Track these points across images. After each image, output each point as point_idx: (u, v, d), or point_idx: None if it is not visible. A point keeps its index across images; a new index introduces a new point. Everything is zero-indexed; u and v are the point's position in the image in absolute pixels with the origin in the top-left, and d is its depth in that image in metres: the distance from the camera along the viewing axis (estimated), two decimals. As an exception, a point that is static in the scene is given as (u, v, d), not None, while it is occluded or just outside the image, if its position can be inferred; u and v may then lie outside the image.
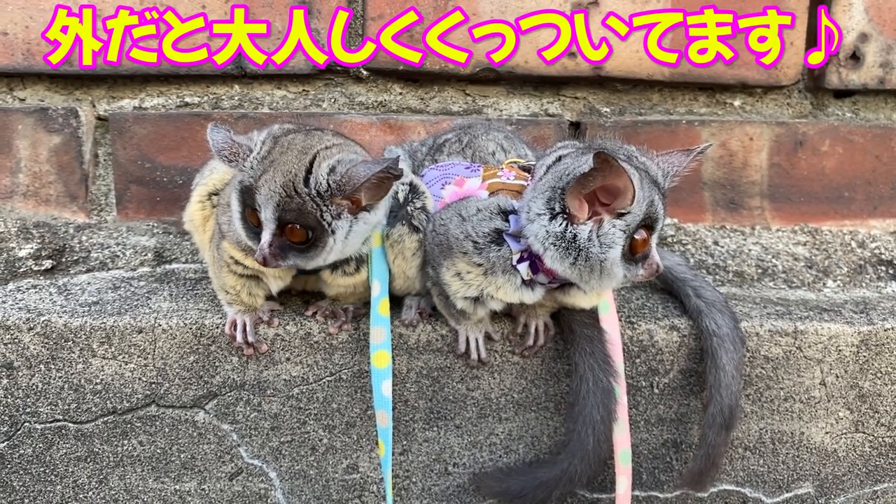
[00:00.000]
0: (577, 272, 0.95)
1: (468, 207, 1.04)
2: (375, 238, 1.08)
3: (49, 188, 1.39)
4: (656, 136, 1.43)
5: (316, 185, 0.95)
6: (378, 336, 1.08)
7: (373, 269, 1.09)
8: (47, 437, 1.11)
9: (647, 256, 0.96)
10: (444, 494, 1.16)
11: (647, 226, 0.94)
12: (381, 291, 1.09)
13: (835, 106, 1.50)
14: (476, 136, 1.18)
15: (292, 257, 0.98)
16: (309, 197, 0.95)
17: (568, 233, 0.94)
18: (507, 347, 1.13)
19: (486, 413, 1.15)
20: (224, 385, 1.11)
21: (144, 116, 1.39)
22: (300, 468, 1.14)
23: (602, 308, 1.10)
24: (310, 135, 1.02)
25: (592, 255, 0.93)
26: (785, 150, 1.46)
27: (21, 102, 1.40)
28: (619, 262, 0.94)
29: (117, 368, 1.10)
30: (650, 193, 0.93)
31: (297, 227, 0.97)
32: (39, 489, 1.13)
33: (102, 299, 1.17)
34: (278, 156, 0.98)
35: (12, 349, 1.09)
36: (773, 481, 1.20)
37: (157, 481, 1.13)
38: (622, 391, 1.09)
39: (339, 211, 0.97)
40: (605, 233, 0.93)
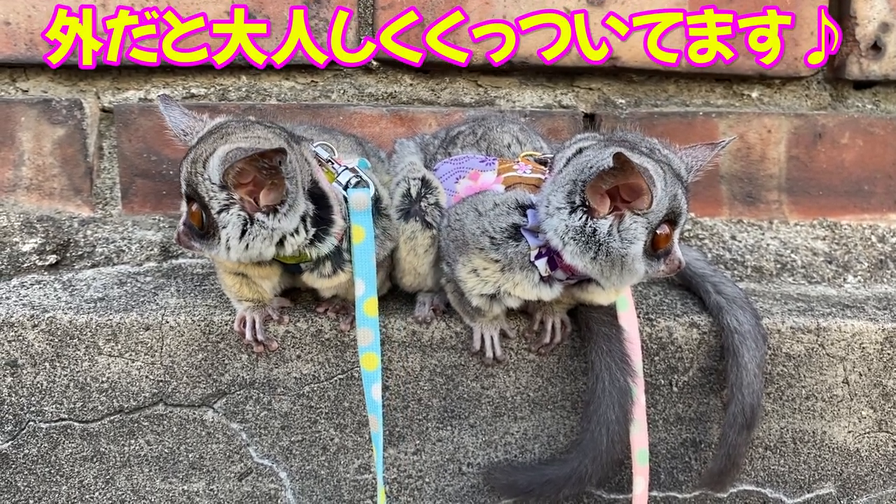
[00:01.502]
0: (598, 267, 0.92)
1: (485, 202, 1.01)
2: (357, 233, 1.01)
3: (53, 181, 1.36)
4: (673, 128, 1.39)
5: (208, 169, 0.91)
6: (365, 338, 1.03)
7: (356, 268, 1.02)
8: (52, 436, 1.09)
9: (669, 252, 0.93)
10: (457, 495, 1.14)
11: (671, 220, 0.91)
12: (367, 291, 1.02)
13: (855, 97, 1.47)
14: (491, 129, 1.15)
15: (196, 241, 0.96)
16: (202, 179, 0.91)
17: (588, 227, 0.91)
18: (523, 345, 1.11)
19: (501, 412, 1.12)
20: (233, 383, 1.09)
21: (150, 108, 1.36)
22: (311, 468, 1.12)
23: (620, 305, 1.07)
24: (248, 128, 0.97)
25: (613, 249, 0.90)
26: (803, 143, 1.43)
27: (24, 94, 1.37)
28: (641, 258, 0.91)
29: (124, 366, 1.08)
30: (673, 188, 0.90)
31: (193, 208, 0.94)
32: (44, 490, 1.10)
33: (108, 295, 1.15)
34: (206, 136, 0.96)
35: (16, 347, 1.07)
36: (794, 481, 1.17)
37: (165, 481, 1.11)
38: (640, 391, 1.06)
39: (227, 203, 0.92)
40: (627, 227, 0.90)
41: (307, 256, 0.99)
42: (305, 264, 1.01)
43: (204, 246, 0.96)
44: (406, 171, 1.09)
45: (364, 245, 1.01)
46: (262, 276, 1.04)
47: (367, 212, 1.01)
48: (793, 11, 1.37)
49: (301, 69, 1.38)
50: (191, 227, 0.95)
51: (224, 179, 0.90)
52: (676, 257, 0.94)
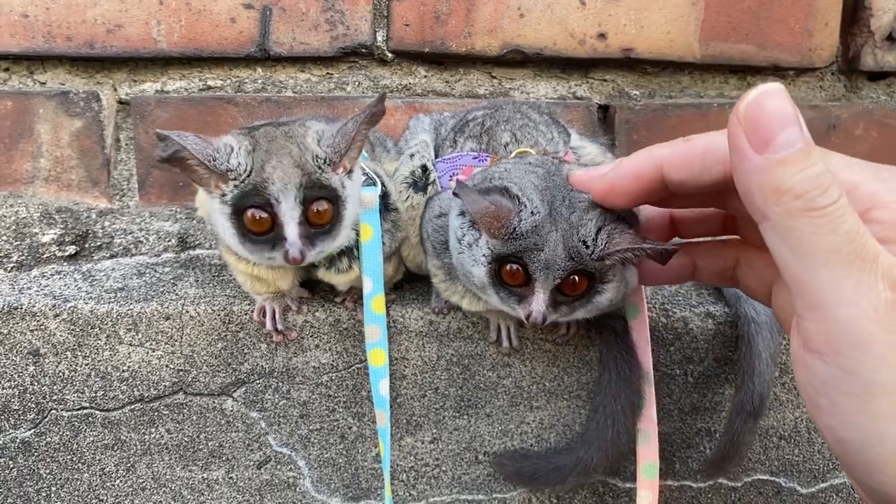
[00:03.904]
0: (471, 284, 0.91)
1: (432, 207, 1.02)
2: (365, 232, 1.01)
3: (70, 173, 1.37)
4: (688, 119, 1.40)
5: (314, 157, 0.90)
6: (373, 335, 1.04)
7: (363, 265, 1.02)
8: (74, 424, 1.10)
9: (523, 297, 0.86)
10: (474, 483, 1.15)
11: (521, 261, 0.84)
12: (374, 288, 1.02)
13: (869, 88, 1.46)
14: (498, 123, 1.14)
15: (319, 244, 0.92)
16: (319, 169, 0.90)
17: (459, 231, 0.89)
18: (539, 335, 1.11)
19: (518, 401, 1.13)
20: (252, 372, 1.10)
21: (166, 100, 1.37)
22: (329, 456, 1.13)
23: (631, 313, 1.02)
24: (272, 126, 0.96)
25: (463, 263, 0.88)
26: (817, 134, 1.43)
27: (42, 86, 1.38)
28: (489, 286, 0.88)
29: (144, 355, 1.09)
30: (541, 235, 0.83)
31: (323, 204, 0.90)
32: (66, 477, 1.12)
33: (128, 285, 1.16)
34: (267, 145, 0.90)
35: (38, 336, 1.08)
36: (808, 471, 1.18)
37: (185, 469, 1.12)
38: (650, 401, 1.02)
39: (342, 180, 0.92)
40: (479, 246, 0.86)
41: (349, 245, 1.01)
42: (320, 261, 1.02)
43: (327, 242, 0.93)
44: (416, 148, 1.12)
45: (372, 243, 1.01)
46: (277, 277, 1.04)
47: (375, 210, 1.01)
48: (807, 1, 1.37)
49: (316, 61, 1.39)
50: (310, 234, 0.91)
51: (338, 152, 0.91)
52: (529, 310, 0.85)
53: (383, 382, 1.05)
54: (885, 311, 0.50)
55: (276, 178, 0.87)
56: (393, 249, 1.06)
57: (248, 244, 0.92)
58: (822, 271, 0.51)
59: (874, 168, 0.57)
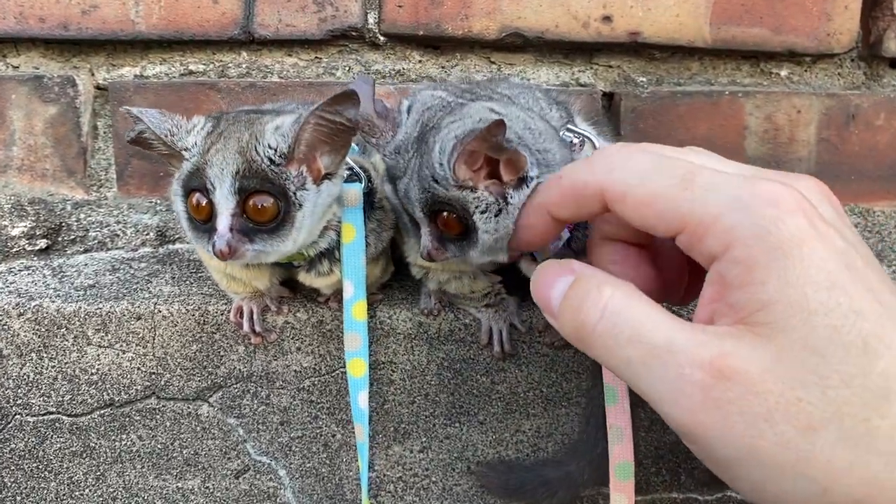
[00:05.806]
0: None
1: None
2: (346, 232, 0.92)
3: (45, 162, 1.30)
4: (698, 108, 1.32)
5: (265, 149, 0.80)
6: (353, 343, 0.96)
7: (344, 268, 0.93)
8: (40, 430, 1.03)
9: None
10: (466, 495, 1.08)
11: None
12: (355, 293, 0.94)
13: (891, 76, 1.38)
14: (495, 90, 1.05)
15: (259, 242, 0.81)
16: (268, 162, 0.80)
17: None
18: (536, 338, 1.04)
19: (513, 408, 1.06)
20: (229, 376, 1.03)
21: (146, 85, 1.29)
22: (312, 465, 1.06)
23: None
24: (253, 113, 0.88)
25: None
26: (835, 125, 1.35)
27: (14, 70, 1.31)
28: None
29: (114, 357, 1.02)
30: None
31: (265, 199, 0.80)
32: (32, 486, 1.05)
33: (99, 282, 1.09)
34: (225, 128, 0.83)
35: (1, 336, 1.01)
36: (822, 484, 1.11)
37: (159, 478, 1.05)
38: (622, 394, 0.92)
39: (301, 181, 0.82)
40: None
41: (303, 255, 0.92)
42: (299, 263, 0.95)
43: (267, 242, 0.82)
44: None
45: (354, 245, 0.92)
46: (252, 276, 0.96)
47: (359, 209, 0.92)
48: (827, -17, 1.28)
49: (304, 44, 1.31)
50: (246, 228, 0.81)
51: (288, 142, 0.82)
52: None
53: (362, 394, 0.97)
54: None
55: (216, 161, 0.80)
56: (379, 250, 0.98)
57: (193, 232, 0.85)
58: (643, 383, 0.56)
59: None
